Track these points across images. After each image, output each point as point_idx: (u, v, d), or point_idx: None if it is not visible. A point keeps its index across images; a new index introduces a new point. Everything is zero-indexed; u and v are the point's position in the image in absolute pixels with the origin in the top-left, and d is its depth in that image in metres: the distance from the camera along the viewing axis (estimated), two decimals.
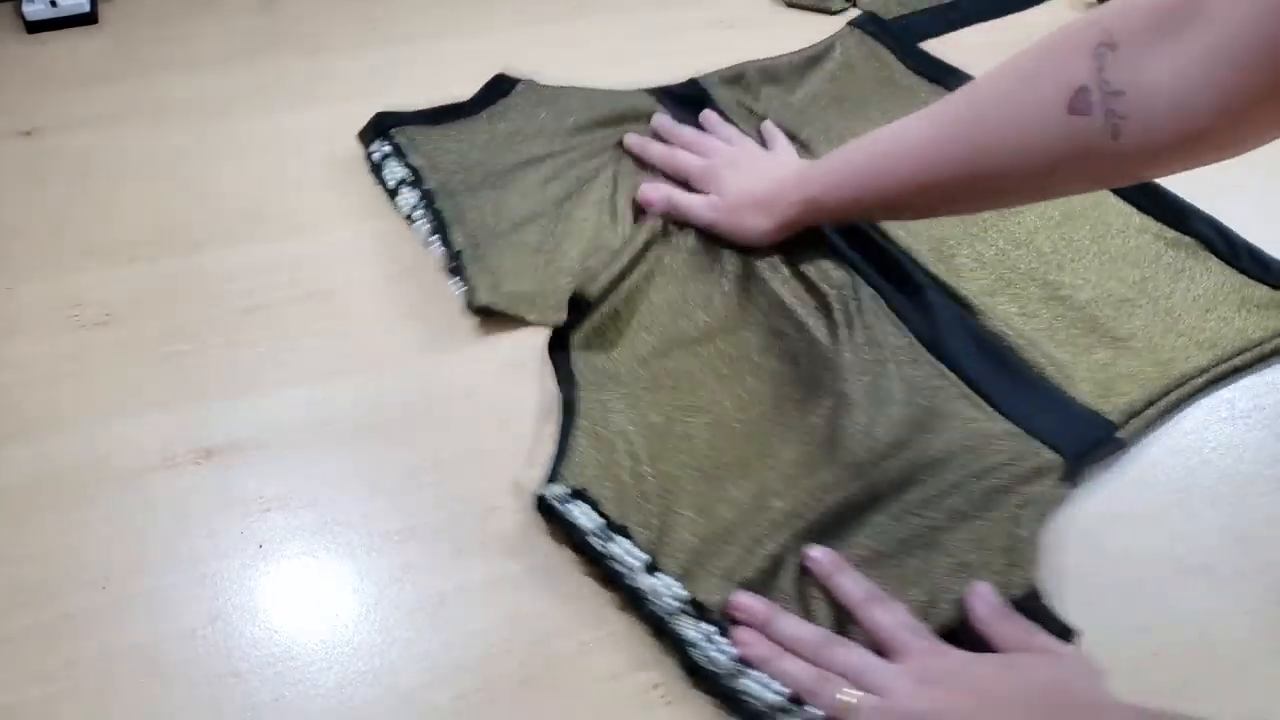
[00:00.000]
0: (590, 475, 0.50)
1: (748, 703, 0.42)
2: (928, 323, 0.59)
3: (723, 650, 0.44)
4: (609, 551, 0.46)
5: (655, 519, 0.48)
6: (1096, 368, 0.57)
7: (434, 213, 0.66)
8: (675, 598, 0.45)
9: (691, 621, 0.44)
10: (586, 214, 0.67)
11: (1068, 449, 0.52)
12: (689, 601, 0.45)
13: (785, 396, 0.56)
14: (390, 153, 0.70)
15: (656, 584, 0.45)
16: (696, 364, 0.57)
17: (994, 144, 0.49)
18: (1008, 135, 0.48)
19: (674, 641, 0.44)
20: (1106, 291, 0.62)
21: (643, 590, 0.45)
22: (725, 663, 0.43)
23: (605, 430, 0.52)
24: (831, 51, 0.84)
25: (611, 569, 0.46)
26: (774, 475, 0.51)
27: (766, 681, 0.43)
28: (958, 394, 0.56)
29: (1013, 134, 0.48)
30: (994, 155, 0.49)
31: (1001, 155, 0.49)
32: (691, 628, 0.44)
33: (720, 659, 0.43)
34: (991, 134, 0.49)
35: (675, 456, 0.52)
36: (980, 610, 0.45)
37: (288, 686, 0.44)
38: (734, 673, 0.43)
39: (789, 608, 0.46)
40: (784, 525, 0.48)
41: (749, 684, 0.43)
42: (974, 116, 0.51)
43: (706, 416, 0.54)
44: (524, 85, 0.77)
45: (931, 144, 0.53)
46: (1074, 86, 0.45)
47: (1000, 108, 0.49)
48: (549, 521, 0.49)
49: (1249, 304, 0.61)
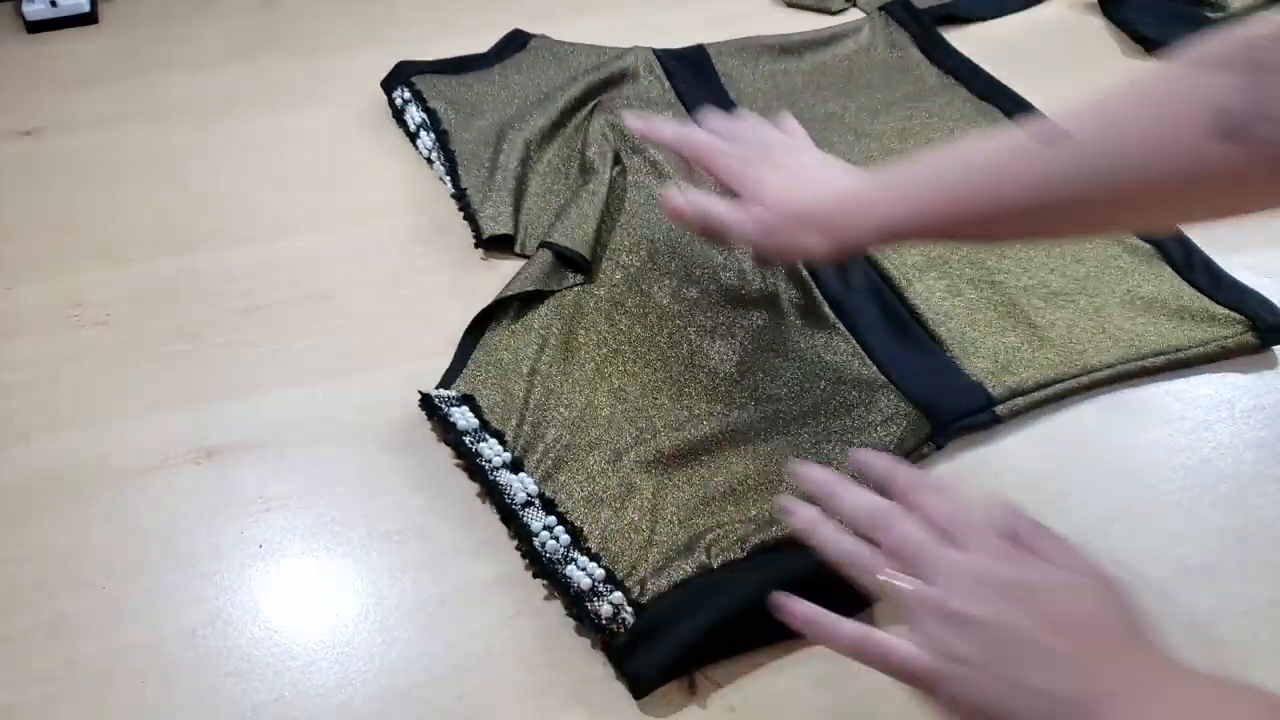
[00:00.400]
0: (478, 382, 0.55)
1: (569, 587, 0.46)
2: (841, 282, 0.62)
3: (558, 539, 0.47)
4: (478, 450, 0.51)
5: (529, 426, 0.52)
6: (1002, 350, 0.58)
7: (448, 153, 0.71)
8: (527, 493, 0.49)
9: (538, 513, 0.48)
10: (574, 166, 0.71)
11: (937, 412, 0.54)
12: (538, 496, 0.49)
13: (680, 338, 0.59)
14: (410, 98, 0.76)
15: (514, 480, 0.50)
16: (605, 297, 0.61)
17: (1128, 165, 0.44)
18: (1144, 156, 0.43)
19: (518, 530, 0.48)
20: (1042, 283, 0.63)
21: (500, 484, 0.50)
22: (557, 549, 0.47)
23: (508, 352, 0.56)
24: (857, 33, 0.87)
25: (477, 465, 0.51)
26: (647, 401, 0.55)
27: (587, 568, 0.46)
28: (849, 351, 0.58)
29: (1149, 156, 0.43)
30: (1127, 176, 0.44)
31: (1134, 177, 0.44)
32: (537, 519, 0.48)
33: (553, 545, 0.47)
34: (1127, 154, 0.44)
35: (563, 375, 0.55)
36: (902, 479, 0.41)
37: (288, 686, 0.44)
38: (562, 560, 0.46)
39: (618, 510, 0.49)
40: (645, 443, 0.52)
41: (571, 569, 0.46)
42: (1107, 135, 0.45)
43: (603, 350, 0.58)
44: (537, 41, 0.84)
45: (1053, 165, 0.46)
46: (1220, 108, 0.40)
47: (1136, 127, 0.44)
48: (430, 420, 0.53)
49: (1186, 314, 0.61)
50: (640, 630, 0.44)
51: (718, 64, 0.82)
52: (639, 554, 0.47)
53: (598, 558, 0.47)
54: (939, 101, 0.79)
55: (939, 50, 0.84)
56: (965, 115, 0.77)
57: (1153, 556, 0.50)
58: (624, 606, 0.45)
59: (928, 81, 0.81)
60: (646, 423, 0.54)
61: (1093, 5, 0.93)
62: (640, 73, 0.80)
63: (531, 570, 0.48)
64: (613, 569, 0.46)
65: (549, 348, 0.56)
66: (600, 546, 0.47)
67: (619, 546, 0.48)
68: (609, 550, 0.47)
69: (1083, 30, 0.91)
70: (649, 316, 0.59)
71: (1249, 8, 0.89)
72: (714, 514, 0.50)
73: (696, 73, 0.81)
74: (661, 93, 0.79)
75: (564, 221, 0.63)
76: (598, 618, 0.45)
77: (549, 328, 0.58)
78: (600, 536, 0.48)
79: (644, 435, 0.53)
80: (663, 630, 0.44)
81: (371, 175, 0.72)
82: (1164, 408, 0.57)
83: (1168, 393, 0.58)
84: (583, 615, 0.45)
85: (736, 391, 0.56)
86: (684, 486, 0.51)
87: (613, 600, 0.45)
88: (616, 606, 0.45)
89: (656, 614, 0.45)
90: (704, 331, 0.59)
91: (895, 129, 0.76)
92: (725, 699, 0.44)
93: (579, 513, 0.49)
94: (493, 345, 0.57)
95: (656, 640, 0.44)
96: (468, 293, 0.62)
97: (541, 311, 0.59)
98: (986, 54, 0.84)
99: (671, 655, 0.44)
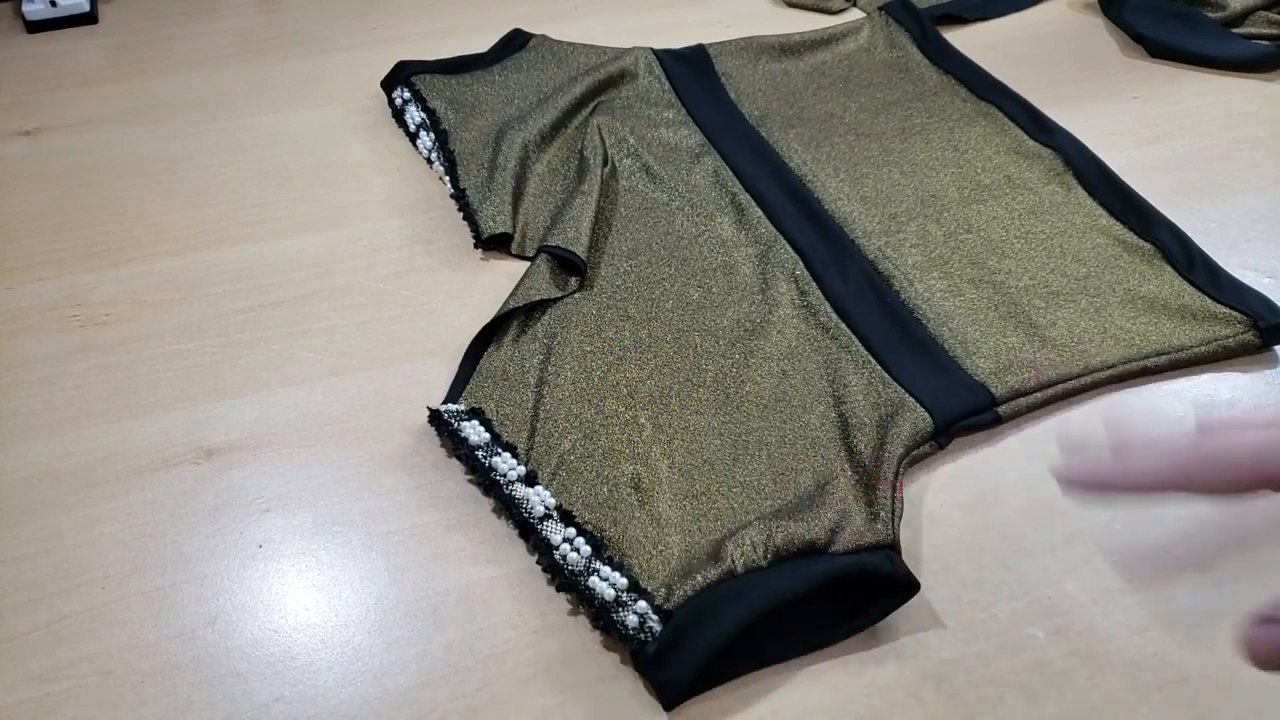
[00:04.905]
0: (485, 395, 0.54)
1: (594, 598, 0.46)
2: (842, 282, 0.62)
3: (578, 550, 0.47)
4: (492, 465, 0.51)
5: (540, 438, 0.52)
6: (1003, 350, 0.58)
7: (447, 154, 0.71)
8: (545, 505, 0.49)
9: (557, 526, 0.48)
10: (572, 167, 0.71)
11: (939, 412, 0.54)
12: (555, 508, 0.49)
13: (685, 342, 0.58)
14: (410, 98, 0.76)
15: (530, 494, 0.49)
16: (608, 303, 0.60)
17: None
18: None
19: (537, 544, 0.48)
20: (1043, 283, 0.62)
21: (517, 498, 0.49)
22: (578, 560, 0.47)
23: (513, 363, 0.56)
24: (857, 33, 0.87)
25: (491, 480, 0.50)
26: (657, 407, 0.55)
27: (610, 578, 0.46)
28: (851, 350, 0.58)
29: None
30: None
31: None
32: (556, 532, 0.48)
33: (575, 558, 0.47)
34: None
35: (571, 384, 0.55)
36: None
37: (288, 686, 0.44)
38: (584, 571, 0.46)
39: (635, 517, 0.48)
40: (659, 447, 0.52)
41: (594, 580, 0.46)
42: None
43: (609, 357, 0.57)
44: (537, 41, 0.84)
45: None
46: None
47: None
48: (440, 436, 0.53)
49: (1186, 313, 0.61)
50: (668, 639, 0.44)
51: (718, 64, 0.82)
52: (661, 560, 0.47)
53: (620, 566, 0.46)
54: (939, 101, 0.79)
55: (939, 50, 0.84)
56: (965, 115, 0.77)
57: (1153, 556, 0.50)
58: (649, 615, 0.44)
59: (928, 81, 0.81)
60: (657, 427, 0.53)
61: (1093, 5, 0.93)
62: (640, 73, 0.80)
63: (555, 583, 0.47)
64: (636, 577, 0.46)
65: (554, 357, 0.56)
66: (621, 555, 0.47)
67: (640, 554, 0.47)
68: (630, 559, 0.47)
69: (1083, 30, 0.91)
70: (653, 321, 0.59)
71: (1249, 8, 0.89)
72: (733, 516, 0.49)
73: (696, 73, 0.81)
74: (661, 93, 0.79)
75: (560, 224, 0.63)
76: (624, 628, 0.44)
77: (553, 337, 0.57)
78: (620, 545, 0.47)
79: (657, 440, 0.53)
80: (692, 637, 0.44)
81: (371, 175, 0.72)
82: (1164, 408, 0.57)
83: (1168, 393, 0.58)
84: (608, 627, 0.45)
85: (744, 392, 0.55)
86: (700, 490, 0.50)
87: (638, 610, 0.44)
88: (642, 616, 0.44)
89: (684, 620, 0.44)
90: (708, 334, 0.59)
91: (895, 129, 0.76)
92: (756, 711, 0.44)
93: (597, 522, 0.48)
94: (497, 357, 0.57)
95: (686, 647, 0.43)
96: (467, 293, 0.62)
97: (544, 321, 0.58)
98: (986, 54, 0.84)
99: (702, 662, 0.43)
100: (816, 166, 0.71)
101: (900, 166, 0.72)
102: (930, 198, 0.69)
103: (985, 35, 0.90)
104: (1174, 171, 0.73)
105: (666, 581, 0.46)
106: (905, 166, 0.72)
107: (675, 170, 0.71)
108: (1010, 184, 0.70)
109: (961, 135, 0.75)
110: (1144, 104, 0.81)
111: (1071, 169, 0.71)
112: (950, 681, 0.44)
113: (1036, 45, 0.88)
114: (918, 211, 0.68)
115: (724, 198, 0.68)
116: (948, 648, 0.45)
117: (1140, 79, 0.84)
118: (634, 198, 0.68)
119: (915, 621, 0.46)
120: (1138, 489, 0.34)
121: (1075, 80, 0.83)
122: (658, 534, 0.48)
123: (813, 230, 0.65)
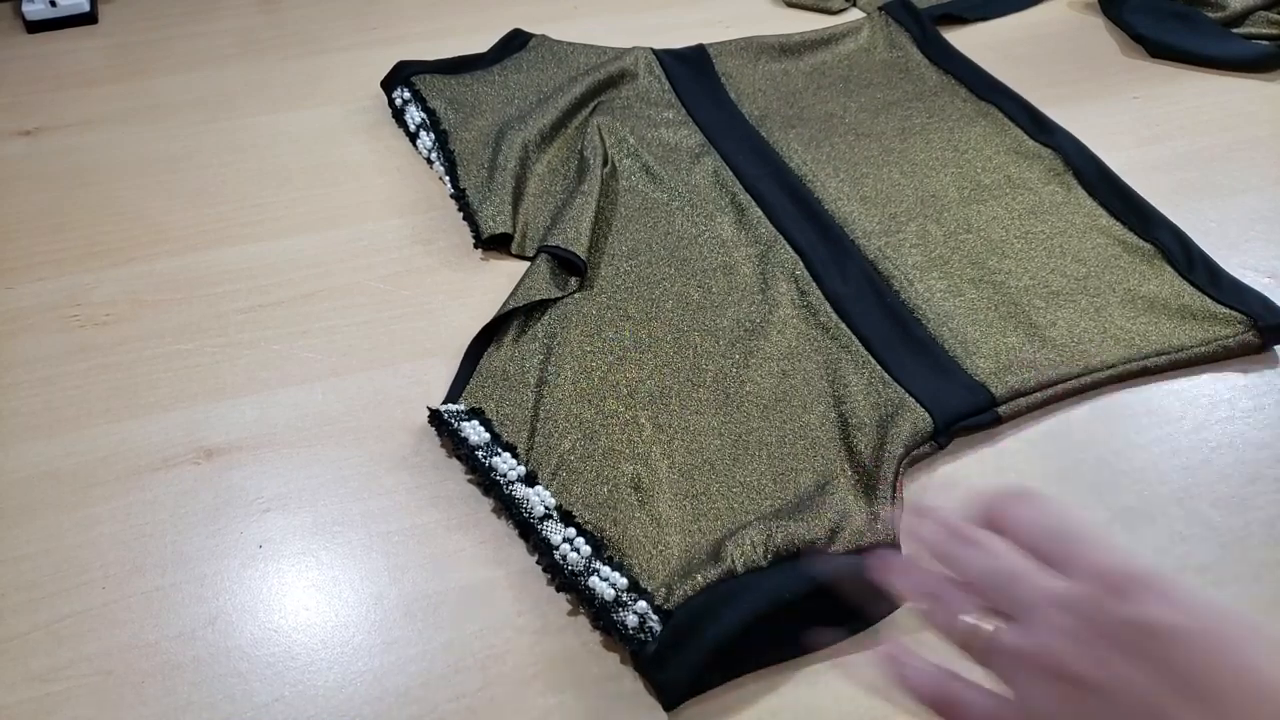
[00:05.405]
0: (485, 395, 0.54)
1: (594, 598, 0.46)
2: (842, 282, 0.62)
3: (578, 550, 0.47)
4: (492, 465, 0.51)
5: (540, 438, 0.52)
6: (1003, 350, 0.58)
7: (447, 154, 0.71)
8: (545, 506, 0.49)
9: (557, 526, 0.48)
10: (572, 167, 0.71)
11: (939, 412, 0.53)
12: (555, 508, 0.49)
13: (685, 342, 0.58)
14: (410, 98, 0.76)
15: (530, 494, 0.49)
16: (607, 303, 0.60)
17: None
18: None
19: (537, 544, 0.48)
20: (1042, 283, 0.62)
21: (517, 498, 0.49)
22: (578, 560, 0.46)
23: (513, 363, 0.56)
24: (857, 33, 0.87)
25: (491, 480, 0.50)
26: (657, 407, 0.55)
27: (610, 578, 0.46)
28: (851, 351, 0.58)
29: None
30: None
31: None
32: (556, 532, 0.48)
33: (575, 558, 0.47)
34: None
35: (570, 384, 0.55)
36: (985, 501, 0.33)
37: (288, 686, 0.44)
38: (584, 571, 0.46)
39: (635, 517, 0.48)
40: (659, 448, 0.52)
41: (594, 580, 0.46)
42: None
43: (609, 357, 0.57)
44: (537, 41, 0.84)
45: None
46: None
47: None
48: (440, 436, 0.53)
49: (1186, 313, 0.60)
50: (668, 639, 0.44)
51: (718, 64, 0.82)
52: (661, 560, 0.47)
53: (620, 566, 0.46)
54: (939, 101, 0.79)
55: (939, 50, 0.84)
56: (965, 115, 0.77)
57: (1153, 556, 0.50)
58: (649, 615, 0.44)
59: (928, 81, 0.81)
60: (657, 428, 0.53)
61: (1093, 5, 0.93)
62: (640, 73, 0.80)
63: (555, 583, 0.47)
64: (636, 577, 0.46)
65: (554, 357, 0.56)
66: (621, 555, 0.47)
67: (640, 554, 0.47)
68: (630, 559, 0.47)
69: (1083, 30, 0.91)
70: (653, 321, 0.59)
71: (1249, 8, 0.89)
72: (733, 516, 0.49)
73: (696, 73, 0.81)
74: (661, 93, 0.79)
75: (560, 224, 0.63)
76: (624, 628, 0.44)
77: (553, 337, 0.57)
78: (620, 545, 0.47)
79: (657, 440, 0.53)
80: (691, 637, 0.44)
81: (371, 175, 0.72)
82: (1164, 408, 0.57)
83: (1168, 393, 0.58)
84: (608, 627, 0.45)
85: (745, 392, 0.55)
86: (700, 490, 0.50)
87: (638, 610, 0.44)
88: (642, 616, 0.44)
89: (684, 620, 0.44)
90: (708, 334, 0.59)
91: (895, 129, 0.76)
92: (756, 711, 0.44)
93: (597, 522, 0.48)
94: (497, 357, 0.57)
95: (686, 647, 0.43)
96: (467, 293, 0.62)
97: (544, 321, 0.58)
98: (986, 54, 0.84)
99: (702, 662, 0.43)
100: (816, 166, 0.71)
101: (900, 166, 0.72)
102: (930, 198, 0.69)
103: (985, 35, 0.90)
104: (1174, 171, 0.73)
105: (666, 581, 0.46)
106: (905, 166, 0.72)
107: (675, 170, 0.71)
108: (1010, 184, 0.70)
109: (961, 135, 0.75)
110: (1144, 104, 0.81)
111: (1071, 169, 0.71)
112: None
113: (1036, 45, 0.88)
114: (918, 211, 0.68)
115: (724, 198, 0.68)
116: (947, 647, 0.45)
117: (1140, 79, 0.84)
118: (634, 198, 0.68)
119: (915, 622, 0.46)
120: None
121: (1075, 80, 0.83)
122: (658, 534, 0.48)
123: (813, 230, 0.65)
